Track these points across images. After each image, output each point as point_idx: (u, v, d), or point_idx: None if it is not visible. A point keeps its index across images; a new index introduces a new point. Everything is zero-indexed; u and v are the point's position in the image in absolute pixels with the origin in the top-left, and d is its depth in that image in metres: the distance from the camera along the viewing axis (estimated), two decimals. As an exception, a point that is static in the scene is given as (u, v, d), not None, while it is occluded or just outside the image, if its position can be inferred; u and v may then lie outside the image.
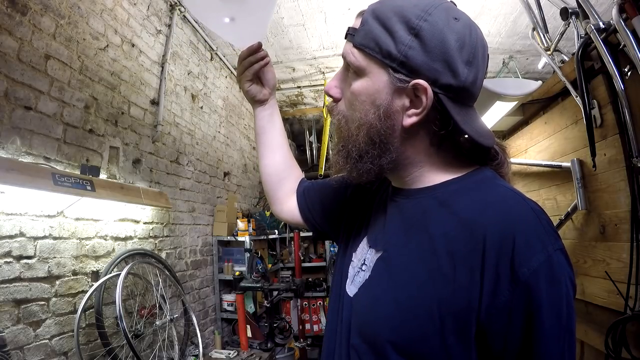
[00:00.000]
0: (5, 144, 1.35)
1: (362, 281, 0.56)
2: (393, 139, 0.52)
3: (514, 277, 0.41)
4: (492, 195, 0.49)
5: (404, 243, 0.52)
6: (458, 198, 0.50)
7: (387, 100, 0.50)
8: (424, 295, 0.46)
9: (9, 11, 1.38)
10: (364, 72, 0.51)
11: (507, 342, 0.42)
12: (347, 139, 0.54)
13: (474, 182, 0.52)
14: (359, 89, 0.52)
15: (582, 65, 1.19)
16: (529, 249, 0.41)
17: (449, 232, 0.47)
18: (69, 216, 1.60)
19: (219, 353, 2.51)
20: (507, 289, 0.41)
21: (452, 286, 0.44)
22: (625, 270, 1.07)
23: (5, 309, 1.29)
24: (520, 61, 3.41)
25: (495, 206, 0.46)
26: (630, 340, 1.04)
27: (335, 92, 0.57)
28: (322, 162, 3.88)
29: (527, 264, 0.41)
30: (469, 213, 0.47)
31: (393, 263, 0.52)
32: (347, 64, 0.53)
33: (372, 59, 0.50)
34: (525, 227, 0.43)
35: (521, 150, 1.84)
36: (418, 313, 0.46)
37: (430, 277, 0.47)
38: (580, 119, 1.27)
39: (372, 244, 0.58)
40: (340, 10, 2.73)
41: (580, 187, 1.32)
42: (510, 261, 0.41)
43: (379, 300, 0.51)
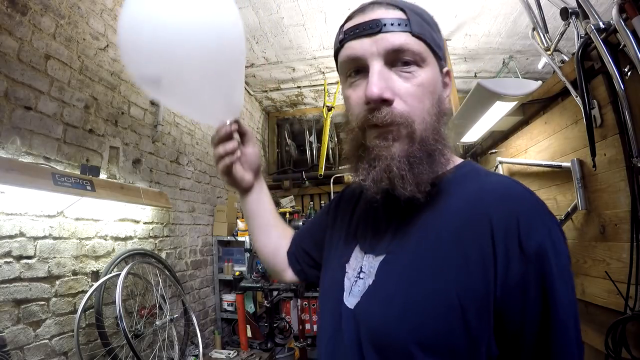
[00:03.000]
0: (5, 144, 1.35)
1: (362, 290, 0.53)
2: (445, 129, 0.53)
3: (523, 252, 0.43)
4: (489, 182, 0.51)
5: (406, 241, 0.52)
6: (456, 189, 0.51)
7: (441, 87, 0.54)
8: (440, 285, 0.46)
9: (9, 11, 1.38)
10: (426, 62, 0.51)
11: (526, 314, 0.43)
12: (419, 141, 0.49)
13: (467, 173, 0.54)
14: (428, 80, 0.50)
15: (582, 65, 1.19)
16: (533, 225, 0.44)
17: (453, 221, 0.48)
18: (69, 216, 1.60)
19: (219, 353, 2.51)
20: (518, 265, 0.43)
21: (466, 270, 0.45)
22: (625, 270, 1.07)
23: (5, 309, 1.29)
24: (520, 61, 3.41)
25: (495, 192, 0.48)
26: (630, 340, 1.04)
27: (390, 94, 0.48)
28: (322, 162, 3.88)
29: (533, 239, 0.43)
30: (471, 201, 0.48)
31: (399, 262, 0.51)
32: (398, 55, 0.49)
33: (429, 49, 0.51)
34: (526, 206, 0.46)
35: (521, 150, 1.83)
36: (438, 304, 0.45)
37: (443, 266, 0.46)
38: (580, 119, 1.27)
39: (368, 250, 0.56)
40: (340, 10, 2.73)
41: (580, 187, 1.31)
42: (518, 238, 0.43)
43: (390, 302, 0.48)
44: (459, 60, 3.46)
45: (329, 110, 3.91)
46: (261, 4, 2.61)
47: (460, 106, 1.86)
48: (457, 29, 2.99)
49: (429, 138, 0.50)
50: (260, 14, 2.74)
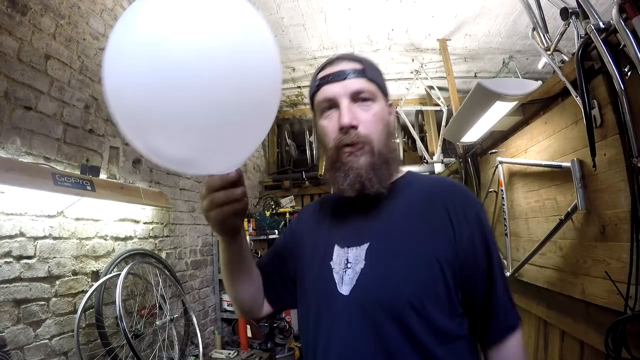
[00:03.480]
0: (5, 144, 1.35)
1: (355, 275, 0.66)
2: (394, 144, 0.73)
3: (466, 220, 0.66)
4: (435, 180, 0.77)
5: (385, 228, 0.68)
6: (414, 188, 0.73)
7: (388, 115, 0.74)
8: (422, 252, 0.64)
9: (9, 11, 1.38)
10: (377, 98, 0.71)
11: (477, 261, 0.65)
12: (377, 154, 0.68)
13: (414, 178, 0.77)
14: (379, 111, 0.71)
15: (582, 65, 1.19)
16: (469, 202, 0.69)
17: (419, 207, 0.69)
18: (69, 216, 1.60)
19: (219, 353, 2.51)
20: (466, 229, 0.65)
21: (437, 239, 0.65)
22: (625, 270, 1.07)
23: (5, 309, 1.29)
24: (520, 61, 3.41)
25: (443, 185, 0.73)
26: (630, 340, 1.04)
27: (356, 122, 0.68)
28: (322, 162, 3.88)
29: (471, 211, 0.67)
30: (427, 193, 0.71)
31: (384, 244, 0.67)
32: (358, 95, 0.69)
33: (378, 89, 0.72)
34: (462, 191, 0.72)
35: (521, 150, 1.83)
36: (424, 265, 0.63)
37: (420, 239, 0.65)
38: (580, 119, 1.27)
39: (349, 244, 0.70)
40: (340, 10, 2.73)
41: (580, 187, 1.31)
42: (463, 212, 0.67)
43: (388, 273, 0.64)
44: (459, 60, 3.46)
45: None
46: (261, 4, 2.61)
47: (460, 106, 1.86)
48: (457, 29, 2.99)
49: (384, 151, 0.70)
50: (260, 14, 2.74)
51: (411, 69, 3.64)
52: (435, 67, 3.63)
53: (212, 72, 0.43)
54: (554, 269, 1.57)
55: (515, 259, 1.89)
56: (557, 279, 1.54)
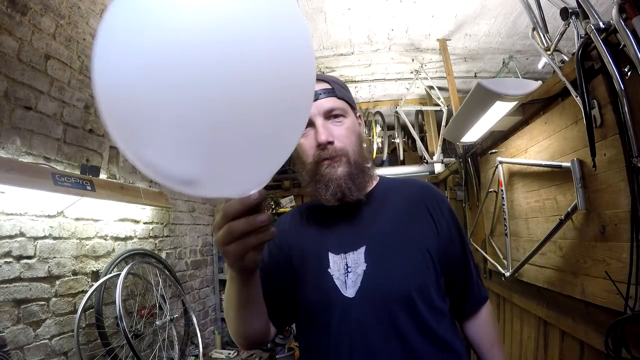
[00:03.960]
0: (5, 144, 1.35)
1: (357, 277, 0.71)
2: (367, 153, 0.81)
3: (442, 214, 0.78)
4: (406, 183, 0.85)
5: (378, 230, 0.75)
6: (393, 190, 0.82)
7: (358, 126, 0.81)
8: (415, 246, 0.73)
9: (9, 11, 1.38)
10: (348, 113, 0.79)
11: (455, 249, 0.79)
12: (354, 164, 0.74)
13: (389, 182, 0.86)
14: (351, 124, 0.78)
15: (582, 65, 1.19)
16: (441, 198, 0.82)
17: (403, 208, 0.78)
18: (69, 216, 1.60)
19: (219, 353, 2.51)
20: (444, 222, 0.77)
21: (424, 234, 0.75)
22: (625, 270, 1.07)
23: (5, 309, 1.29)
24: (520, 61, 3.41)
25: (414, 187, 0.83)
26: (630, 340, 1.04)
27: (331, 138, 0.73)
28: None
29: (444, 205, 0.80)
30: (406, 195, 0.80)
31: (380, 246, 0.73)
32: (330, 112, 0.75)
33: (347, 105, 0.79)
34: (433, 190, 0.84)
35: (521, 150, 1.84)
36: (418, 257, 0.72)
37: (410, 235, 0.74)
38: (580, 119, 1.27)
39: (345, 250, 0.74)
40: (340, 10, 2.73)
41: (580, 187, 1.31)
42: (439, 207, 0.78)
43: (391, 271, 0.70)
44: (459, 60, 3.46)
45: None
46: (261, 4, 2.60)
47: (460, 106, 1.86)
48: (457, 29, 2.99)
49: (359, 160, 0.76)
50: None
51: (411, 69, 3.64)
52: (435, 67, 3.63)
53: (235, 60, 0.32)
54: (554, 269, 1.57)
55: (515, 259, 1.89)
56: (557, 279, 1.54)
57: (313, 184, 0.75)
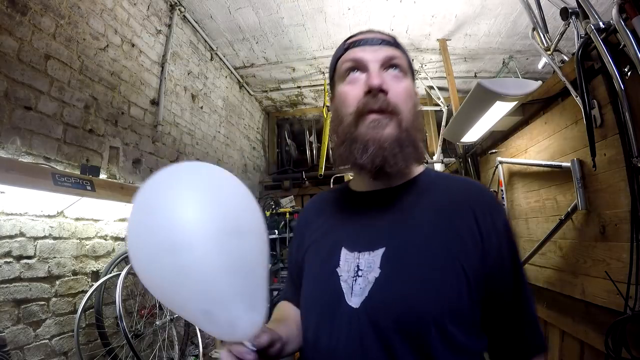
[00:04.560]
0: (5, 144, 1.35)
1: (365, 286, 0.56)
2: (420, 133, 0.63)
3: (495, 228, 0.58)
4: (462, 182, 0.66)
5: (404, 231, 0.59)
6: (437, 187, 0.64)
7: (416, 99, 0.65)
8: (448, 261, 0.55)
9: (9, 11, 1.38)
10: (407, 74, 0.64)
11: (504, 275, 0.58)
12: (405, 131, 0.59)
13: (435, 176, 0.68)
14: (409, 87, 0.63)
15: (582, 65, 1.19)
16: (497, 210, 0.61)
17: (445, 210, 0.60)
18: (69, 216, 1.60)
19: (219, 353, 2.51)
20: (495, 239, 0.57)
21: (464, 247, 0.56)
22: (625, 270, 1.07)
23: (5, 309, 1.29)
24: (520, 61, 3.41)
25: (466, 187, 0.64)
26: (630, 340, 1.04)
27: (386, 86, 0.59)
28: (322, 162, 3.88)
29: (500, 219, 0.59)
30: (453, 195, 0.62)
31: (403, 251, 0.57)
32: (390, 62, 0.62)
33: (409, 68, 0.65)
34: (490, 196, 0.63)
35: (521, 150, 1.84)
36: (450, 277, 0.54)
37: (445, 245, 0.56)
38: (580, 119, 1.27)
39: (361, 247, 0.60)
40: (340, 10, 2.73)
41: (580, 187, 1.31)
42: (492, 219, 0.59)
43: (407, 285, 0.54)
44: (459, 60, 3.46)
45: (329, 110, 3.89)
46: (261, 4, 2.61)
47: (460, 106, 1.85)
48: (457, 29, 2.99)
49: (412, 130, 0.60)
50: (260, 14, 2.74)
51: (411, 69, 3.65)
52: (435, 67, 3.63)
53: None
54: (554, 269, 1.57)
55: (515, 259, 1.88)
56: (557, 279, 1.54)
57: (347, 144, 0.60)
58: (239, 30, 2.97)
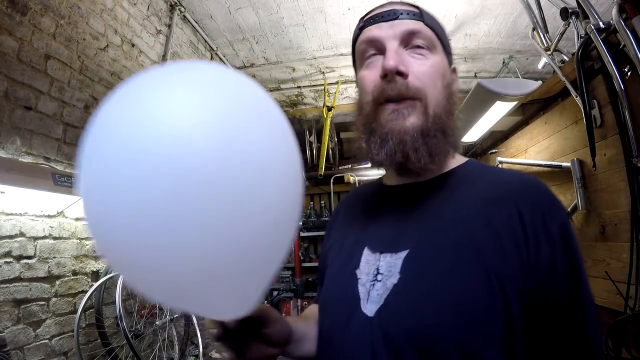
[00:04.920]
0: (5, 144, 1.34)
1: (383, 293, 0.49)
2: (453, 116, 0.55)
3: (547, 231, 0.45)
4: (507, 175, 0.54)
5: (433, 232, 0.50)
6: (478, 182, 0.53)
7: (450, 74, 0.57)
8: (479, 270, 0.44)
9: (9, 11, 1.38)
10: (436, 49, 0.54)
11: (558, 298, 0.45)
12: (432, 117, 0.51)
13: (479, 168, 0.57)
14: (438, 63, 0.54)
15: (582, 65, 1.19)
16: (553, 208, 0.48)
17: (479, 208, 0.49)
18: (69, 216, 1.60)
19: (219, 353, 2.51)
20: (546, 245, 0.45)
21: (502, 254, 0.45)
22: (625, 270, 1.07)
23: (5, 309, 1.29)
24: (520, 61, 3.40)
25: (516, 182, 0.51)
26: (630, 340, 1.04)
27: (404, 68, 0.50)
28: (322, 162, 3.88)
29: (554, 220, 0.46)
30: (494, 191, 0.50)
31: (428, 255, 0.48)
32: (411, 38, 0.53)
33: (438, 41, 0.55)
34: (545, 193, 0.49)
35: (521, 150, 1.84)
36: (480, 289, 0.44)
37: (478, 251, 0.46)
38: (580, 119, 1.27)
39: (384, 249, 0.52)
40: (340, 10, 2.73)
41: (580, 187, 1.31)
42: (542, 219, 0.46)
43: (428, 296, 0.45)
44: (459, 60, 3.46)
45: (329, 110, 3.91)
46: (261, 4, 2.61)
47: (460, 106, 1.86)
48: (457, 29, 2.99)
49: (442, 115, 0.51)
50: (260, 14, 2.74)
51: (411, 69, 3.65)
52: (435, 67, 3.63)
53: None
54: (554, 269, 1.57)
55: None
56: (557, 279, 1.54)
57: (366, 135, 0.54)
58: (239, 30, 2.97)
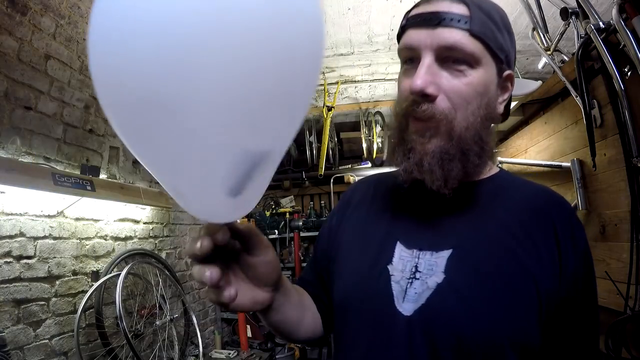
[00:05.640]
0: (5, 144, 1.35)
1: (422, 292, 0.48)
2: (491, 133, 0.54)
3: (576, 249, 0.49)
4: (536, 188, 0.57)
5: (476, 235, 0.51)
6: (513, 191, 0.56)
7: (495, 90, 0.53)
8: (524, 280, 0.47)
9: (9, 11, 1.38)
10: (480, 63, 0.49)
11: (577, 309, 0.49)
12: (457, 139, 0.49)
13: (511, 179, 0.59)
14: (478, 81, 0.49)
15: (582, 65, 1.19)
16: (579, 227, 0.52)
17: (523, 218, 0.51)
18: (69, 216, 1.60)
19: (219, 353, 2.51)
20: (573, 260, 0.49)
21: (541, 265, 0.48)
22: (625, 270, 1.07)
23: (5, 309, 1.29)
24: (520, 61, 3.40)
25: (547, 198, 0.55)
26: (630, 340, 1.04)
27: (434, 89, 0.48)
28: (322, 162, 3.88)
29: (581, 237, 0.51)
30: (532, 203, 0.53)
31: (473, 257, 0.49)
32: (449, 52, 0.48)
33: (487, 49, 0.49)
34: (572, 212, 0.54)
35: (521, 150, 1.84)
36: (524, 299, 0.46)
37: (522, 260, 0.48)
38: (580, 119, 1.27)
39: (422, 245, 0.52)
40: (340, 10, 2.73)
41: (580, 187, 1.31)
42: (572, 237, 0.50)
43: (480, 298, 0.46)
44: (459, 60, 3.47)
45: (329, 110, 3.92)
46: (261, 4, 2.61)
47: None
48: (457, 29, 2.99)
49: (468, 138, 0.50)
50: None
51: (411, 69, 3.65)
52: (435, 67, 3.63)
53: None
54: (554, 269, 1.57)
55: (515, 259, 1.89)
56: (557, 279, 1.54)
57: (395, 143, 0.54)
58: (239, 30, 2.97)
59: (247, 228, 0.42)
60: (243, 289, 0.43)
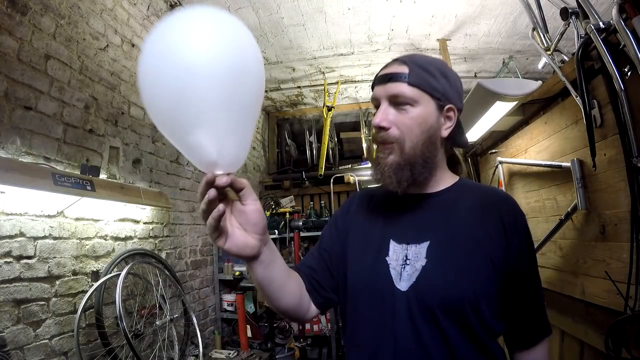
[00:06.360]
0: (5, 144, 1.34)
1: (414, 272, 0.70)
2: (434, 150, 0.74)
3: (517, 230, 0.72)
4: (486, 190, 0.82)
5: (444, 229, 0.72)
6: (469, 194, 0.77)
7: (435, 119, 0.73)
8: (481, 255, 0.69)
9: (9, 11, 1.38)
10: (419, 102, 0.72)
11: (523, 268, 0.71)
12: (406, 155, 0.71)
13: (468, 185, 0.81)
14: (418, 115, 0.72)
15: (582, 65, 1.19)
16: (520, 214, 0.75)
17: (477, 212, 0.73)
18: (69, 216, 1.60)
19: (219, 353, 2.51)
20: (517, 239, 0.71)
21: (492, 244, 0.70)
22: (625, 270, 1.07)
23: (5, 309, 1.29)
24: (520, 61, 3.40)
25: (495, 196, 0.78)
26: (630, 340, 1.04)
27: (387, 123, 0.72)
28: (322, 162, 3.89)
29: (521, 222, 0.74)
30: (483, 201, 0.76)
31: (444, 244, 0.71)
32: (395, 99, 0.72)
33: (424, 93, 0.72)
34: (514, 204, 0.77)
35: (521, 150, 1.84)
36: (483, 268, 0.68)
37: (478, 242, 0.70)
38: (580, 119, 1.27)
39: (408, 240, 0.73)
40: (340, 10, 2.73)
41: (580, 187, 1.32)
42: (515, 223, 0.73)
43: (449, 271, 0.68)
44: (459, 60, 3.46)
45: (329, 110, 3.91)
46: (261, 4, 2.61)
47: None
48: (457, 29, 2.99)
49: (414, 155, 0.71)
50: (260, 14, 2.74)
51: (411, 69, 3.64)
52: (435, 67, 3.62)
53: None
54: (554, 269, 1.57)
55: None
56: (557, 279, 1.54)
57: (373, 160, 0.78)
58: (239, 30, 2.97)
59: (242, 180, 0.59)
60: (237, 232, 0.61)
